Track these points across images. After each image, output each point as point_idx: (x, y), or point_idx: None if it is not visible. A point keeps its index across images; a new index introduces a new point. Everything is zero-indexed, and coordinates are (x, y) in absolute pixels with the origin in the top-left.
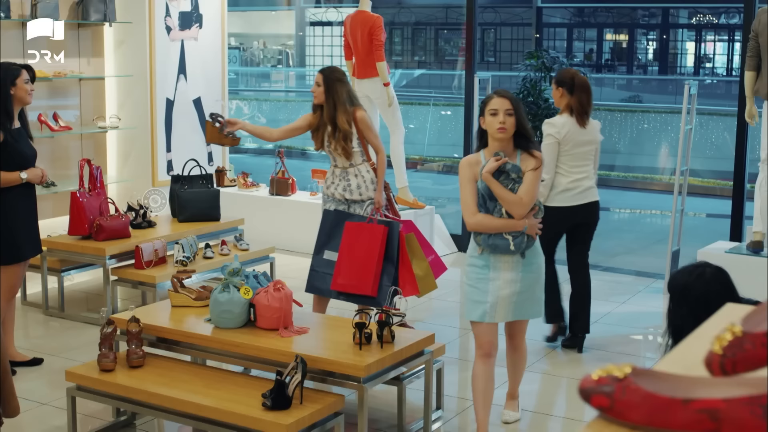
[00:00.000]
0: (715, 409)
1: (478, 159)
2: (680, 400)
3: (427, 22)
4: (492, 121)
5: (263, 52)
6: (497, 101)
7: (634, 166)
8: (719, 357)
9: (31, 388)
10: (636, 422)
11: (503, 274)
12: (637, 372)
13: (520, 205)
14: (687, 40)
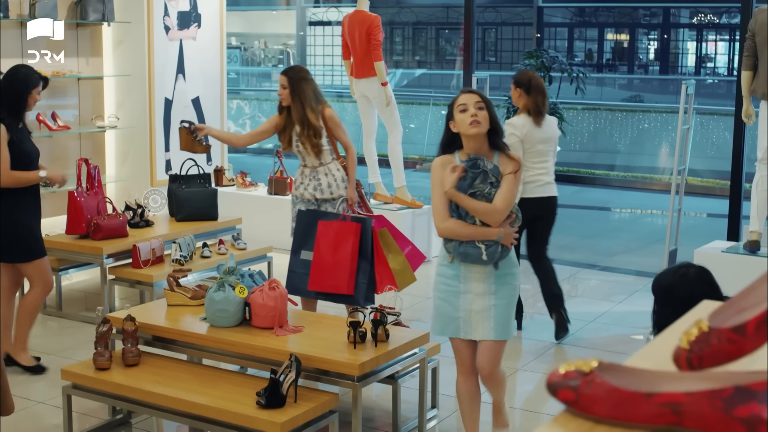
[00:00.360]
0: (677, 403)
1: (452, 160)
2: (643, 393)
3: (428, 22)
4: (463, 117)
5: (264, 52)
6: (465, 96)
7: (635, 166)
8: (686, 352)
9: (29, 387)
10: (600, 416)
11: (475, 285)
12: (604, 367)
13: (495, 214)
14: (688, 39)
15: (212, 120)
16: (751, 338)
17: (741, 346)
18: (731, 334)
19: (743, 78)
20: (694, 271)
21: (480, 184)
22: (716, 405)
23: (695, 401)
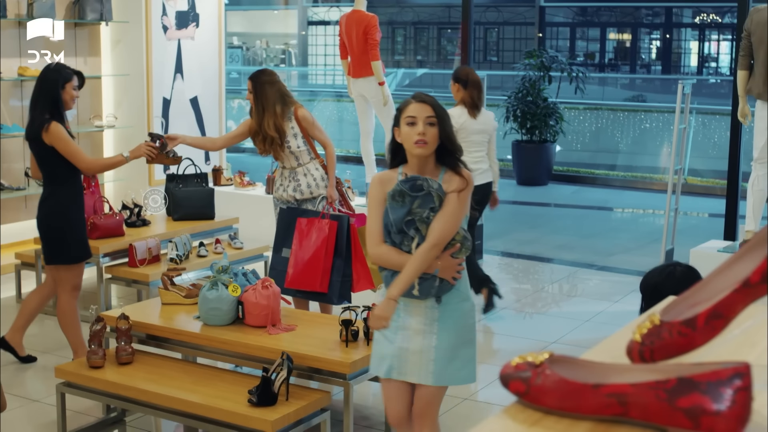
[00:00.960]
0: (623, 394)
1: (392, 177)
2: (591, 385)
3: (430, 21)
4: (409, 132)
5: (266, 52)
6: (415, 107)
7: (636, 166)
8: (638, 345)
9: (24, 385)
10: (549, 407)
11: (414, 321)
12: (554, 359)
13: (432, 250)
14: (690, 39)
15: (211, 119)
16: (701, 331)
17: (691, 339)
18: (682, 328)
19: (739, 78)
20: (681, 269)
21: (418, 209)
22: (660, 396)
23: (640, 392)
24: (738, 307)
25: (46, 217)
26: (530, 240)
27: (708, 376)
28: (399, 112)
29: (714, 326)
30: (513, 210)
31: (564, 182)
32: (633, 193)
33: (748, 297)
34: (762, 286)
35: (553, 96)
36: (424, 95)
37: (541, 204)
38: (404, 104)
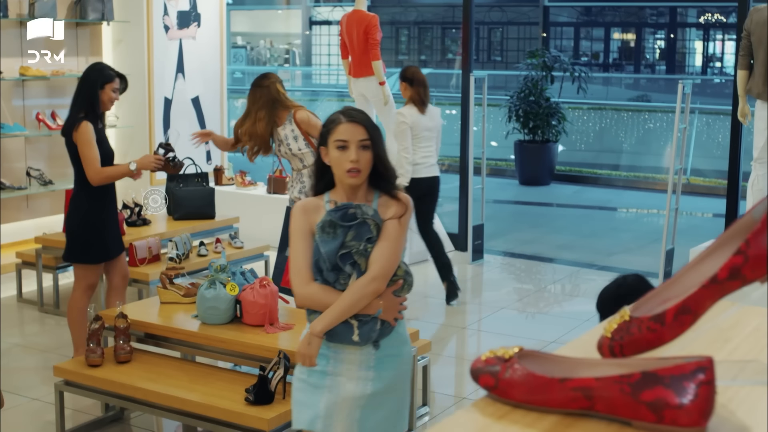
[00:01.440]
0: (589, 387)
1: (318, 205)
2: (557, 379)
3: (434, 21)
4: (339, 158)
5: (270, 51)
6: (346, 129)
7: (640, 166)
8: (608, 341)
9: (24, 384)
10: (517, 400)
11: (347, 368)
12: (524, 354)
13: (374, 283)
14: (695, 39)
15: (212, 119)
16: (670, 327)
17: (660, 334)
18: (651, 323)
19: (739, 77)
20: (631, 279)
21: (353, 241)
22: (624, 390)
23: (605, 386)
24: (707, 302)
25: (69, 215)
26: (531, 240)
27: (671, 370)
28: (327, 132)
29: (682, 321)
30: (515, 210)
31: (566, 182)
32: (635, 193)
33: (716, 293)
34: (730, 282)
35: (555, 96)
36: (355, 112)
37: (543, 204)
38: (333, 123)
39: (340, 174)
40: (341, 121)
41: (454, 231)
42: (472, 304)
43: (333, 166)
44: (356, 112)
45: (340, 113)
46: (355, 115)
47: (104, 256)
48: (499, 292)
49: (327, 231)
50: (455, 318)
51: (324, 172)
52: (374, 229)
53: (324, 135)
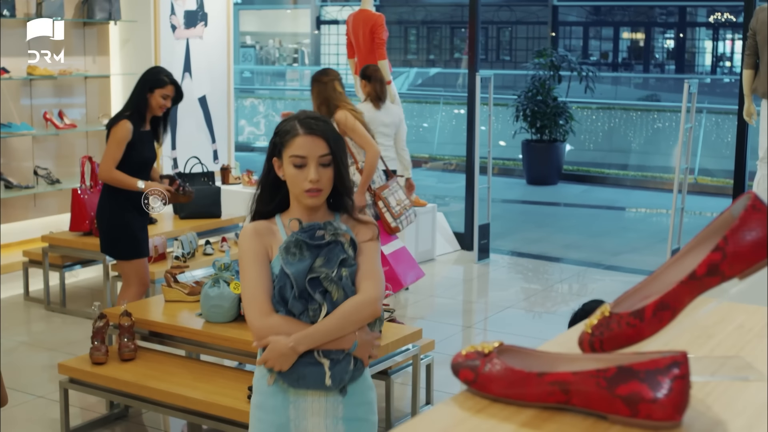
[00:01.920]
0: (565, 382)
1: (270, 229)
2: (535, 373)
3: (443, 21)
4: (296, 176)
5: (279, 51)
6: (305, 142)
7: (648, 165)
8: (588, 336)
9: (30, 382)
10: (496, 394)
11: (312, 423)
12: (504, 349)
13: (370, 306)
14: (704, 38)
15: (219, 119)
16: (649, 323)
17: (639, 330)
18: (630, 319)
19: (744, 77)
20: (597, 302)
21: (323, 267)
22: (600, 384)
23: (581, 380)
24: (685, 298)
25: (98, 210)
26: (538, 239)
27: (646, 365)
28: (280, 143)
29: (661, 317)
30: (522, 209)
31: (574, 182)
32: (643, 192)
33: (695, 289)
34: (708, 279)
35: (563, 95)
36: (315, 121)
37: (551, 203)
38: (288, 134)
39: (297, 192)
40: (298, 132)
41: (460, 230)
42: (478, 303)
43: (289, 182)
44: (316, 122)
45: (298, 122)
46: (314, 125)
47: (139, 251)
48: (504, 292)
49: (292, 252)
50: (461, 317)
51: (277, 188)
52: (349, 248)
53: (277, 144)
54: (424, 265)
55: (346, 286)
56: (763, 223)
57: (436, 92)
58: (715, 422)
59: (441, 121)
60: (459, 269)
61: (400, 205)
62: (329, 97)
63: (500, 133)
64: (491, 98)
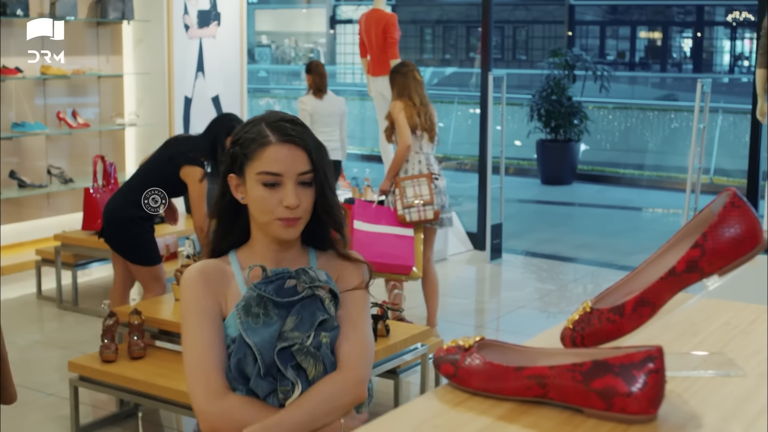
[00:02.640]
0: (542, 376)
1: (223, 270)
2: (513, 367)
3: (457, 20)
4: (266, 199)
5: (294, 50)
6: (279, 153)
7: (663, 165)
8: (570, 331)
9: (42, 380)
10: (475, 388)
11: None
12: (485, 344)
13: (359, 386)
14: (722, 37)
15: None
16: (629, 318)
17: (619, 325)
18: (610, 315)
19: (758, 76)
20: None
21: (295, 331)
22: (576, 378)
23: (558, 374)
24: (665, 295)
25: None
26: (551, 239)
27: (621, 359)
28: (243, 154)
29: (641, 313)
30: (536, 209)
31: (589, 182)
32: (659, 192)
33: (674, 285)
34: (687, 275)
35: (578, 95)
36: (291, 124)
37: (565, 203)
38: (254, 142)
39: (265, 221)
40: (269, 140)
41: (473, 230)
42: (490, 303)
43: (253, 209)
44: (292, 126)
45: (267, 126)
46: (291, 130)
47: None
48: (517, 292)
49: (254, 313)
50: (473, 317)
51: (233, 215)
52: (330, 304)
53: (237, 159)
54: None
55: (325, 357)
56: (741, 220)
57: (451, 92)
58: (690, 416)
59: (456, 121)
60: (471, 269)
61: (417, 199)
62: (400, 86)
63: (516, 132)
64: (504, 98)
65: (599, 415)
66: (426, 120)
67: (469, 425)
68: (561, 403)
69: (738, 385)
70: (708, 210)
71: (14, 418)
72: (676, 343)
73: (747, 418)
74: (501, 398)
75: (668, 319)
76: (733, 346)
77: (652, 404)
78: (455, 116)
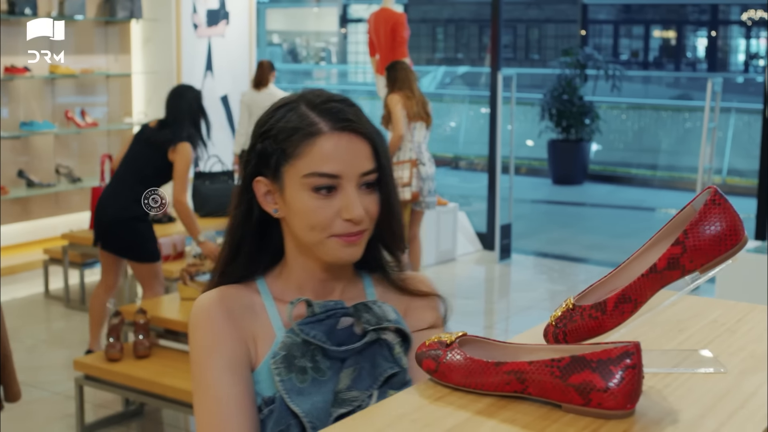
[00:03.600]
0: (521, 371)
1: (251, 302)
2: (493, 363)
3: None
4: (319, 209)
5: (306, 50)
6: (334, 145)
7: (675, 165)
8: (552, 328)
9: (49, 378)
10: (455, 383)
11: None
12: (467, 339)
13: None
14: (737, 36)
15: None
16: (611, 315)
17: (601, 322)
18: (592, 311)
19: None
20: None
21: (352, 390)
22: (555, 373)
23: (537, 370)
24: (647, 292)
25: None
26: (562, 239)
27: (599, 355)
28: (280, 149)
29: (623, 310)
30: (547, 209)
31: (600, 181)
32: (671, 192)
33: (656, 282)
34: (669, 272)
35: (590, 94)
36: (343, 105)
37: (576, 203)
38: (297, 132)
39: (314, 240)
40: (320, 129)
41: (482, 230)
42: (499, 304)
43: (296, 224)
44: (348, 107)
45: (312, 109)
46: (349, 114)
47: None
48: (526, 292)
49: (299, 367)
50: (482, 317)
51: (261, 233)
52: (401, 353)
53: (271, 156)
54: (445, 265)
55: None
56: (722, 217)
57: (462, 91)
58: (667, 412)
59: (468, 121)
60: (480, 269)
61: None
62: (407, 78)
63: (528, 132)
64: (513, 97)
65: (576, 410)
66: (421, 109)
67: (447, 419)
68: (540, 399)
69: (718, 381)
70: (690, 207)
71: (20, 417)
72: (661, 339)
73: (724, 414)
74: (481, 393)
75: (654, 317)
76: (717, 344)
77: (629, 400)
78: (467, 116)
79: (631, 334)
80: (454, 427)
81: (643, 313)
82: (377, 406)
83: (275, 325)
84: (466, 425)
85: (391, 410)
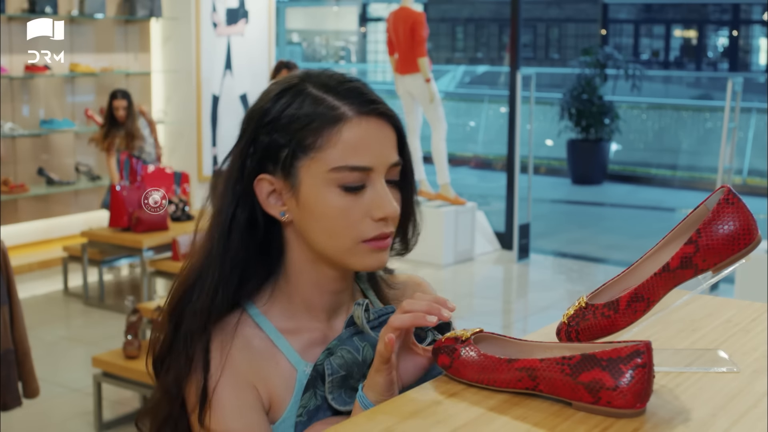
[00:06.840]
0: (533, 368)
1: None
2: (505, 360)
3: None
4: (350, 210)
5: (325, 48)
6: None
7: (696, 165)
8: (565, 326)
9: (68, 375)
10: (469, 379)
11: None
12: (482, 336)
13: None
14: (759, 36)
15: None
16: (623, 314)
17: (614, 320)
18: (605, 310)
19: None
20: None
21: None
22: (565, 371)
23: (548, 367)
24: (660, 291)
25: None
26: (580, 239)
27: (609, 353)
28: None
29: (636, 308)
30: (566, 209)
31: (620, 181)
32: (691, 193)
33: (669, 281)
34: (681, 271)
35: (609, 94)
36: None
37: (595, 203)
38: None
39: (343, 248)
40: (345, 113)
41: (501, 230)
42: (517, 304)
43: (319, 229)
44: (367, 88)
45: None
46: (374, 96)
47: None
48: (544, 292)
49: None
50: (500, 317)
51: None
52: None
53: (282, 149)
54: (462, 265)
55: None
56: (736, 216)
57: (482, 90)
58: (678, 411)
59: (487, 120)
60: (498, 269)
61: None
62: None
63: (548, 131)
64: (532, 96)
65: (586, 408)
66: None
67: (460, 416)
68: (550, 396)
69: (731, 381)
70: (703, 206)
71: (39, 413)
72: (674, 339)
73: (735, 414)
74: (495, 390)
75: (667, 316)
76: (731, 343)
77: (639, 398)
78: (486, 115)
79: (644, 333)
80: (467, 423)
81: (656, 312)
82: (395, 401)
83: (292, 359)
84: (479, 421)
85: (407, 404)
